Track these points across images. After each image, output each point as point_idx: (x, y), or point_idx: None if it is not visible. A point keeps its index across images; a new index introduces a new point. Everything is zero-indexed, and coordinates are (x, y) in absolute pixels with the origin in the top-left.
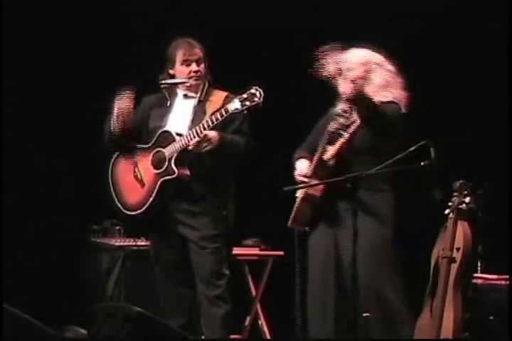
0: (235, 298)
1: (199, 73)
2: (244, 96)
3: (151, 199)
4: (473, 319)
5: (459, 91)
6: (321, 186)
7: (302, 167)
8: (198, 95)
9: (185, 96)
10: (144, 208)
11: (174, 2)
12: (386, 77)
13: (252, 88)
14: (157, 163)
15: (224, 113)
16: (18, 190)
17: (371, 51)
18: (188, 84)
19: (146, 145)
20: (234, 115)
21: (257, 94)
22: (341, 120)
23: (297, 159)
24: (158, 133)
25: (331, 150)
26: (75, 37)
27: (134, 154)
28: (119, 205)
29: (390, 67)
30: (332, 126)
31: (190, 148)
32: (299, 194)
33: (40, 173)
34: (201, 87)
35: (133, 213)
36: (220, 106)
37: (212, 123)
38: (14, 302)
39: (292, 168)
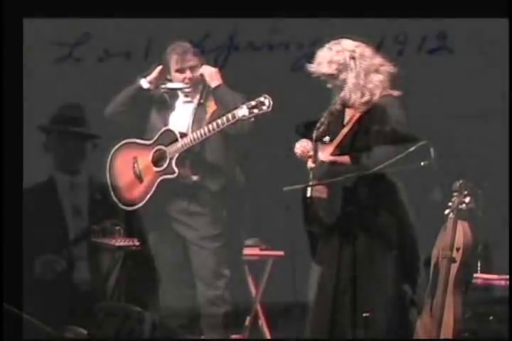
0: (235, 298)
1: (193, 80)
2: (253, 103)
3: (149, 196)
4: (473, 319)
5: (458, 90)
6: (326, 188)
7: (303, 143)
8: (198, 97)
9: (186, 97)
10: (140, 204)
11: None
12: (386, 75)
13: (261, 96)
14: (158, 161)
15: (231, 118)
16: (18, 190)
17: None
18: (187, 90)
19: (148, 142)
20: None
21: (266, 102)
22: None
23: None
24: (160, 132)
25: (327, 150)
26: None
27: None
28: (116, 199)
29: (387, 64)
30: (316, 134)
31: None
32: (308, 198)
33: (39, 173)
34: (200, 89)
35: (129, 208)
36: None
37: (218, 127)
38: (14, 303)
39: (293, 168)
